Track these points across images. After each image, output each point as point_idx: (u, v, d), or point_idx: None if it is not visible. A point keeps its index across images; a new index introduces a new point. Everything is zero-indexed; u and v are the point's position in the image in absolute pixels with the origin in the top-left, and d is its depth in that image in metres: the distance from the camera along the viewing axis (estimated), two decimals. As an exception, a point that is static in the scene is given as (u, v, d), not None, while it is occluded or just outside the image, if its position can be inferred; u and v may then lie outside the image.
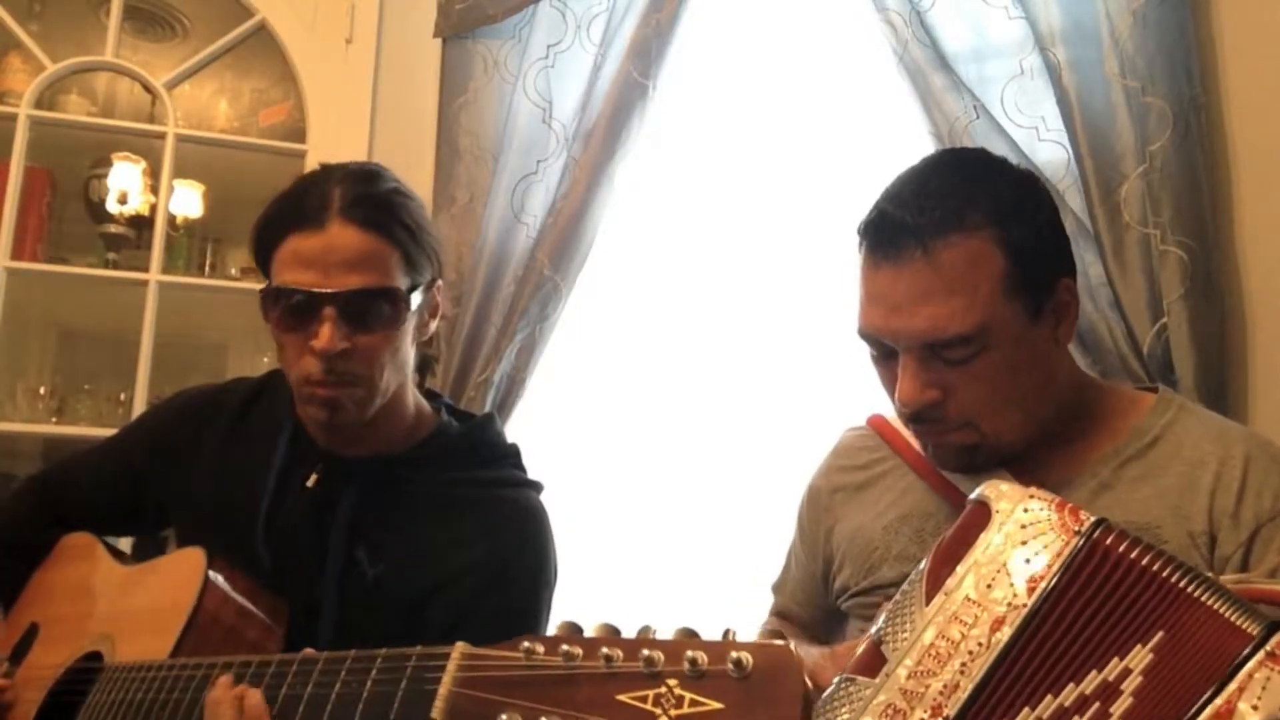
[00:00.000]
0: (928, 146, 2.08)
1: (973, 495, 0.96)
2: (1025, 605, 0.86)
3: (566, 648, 0.76)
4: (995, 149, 1.63)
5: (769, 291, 2.37)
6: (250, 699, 0.96)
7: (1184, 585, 0.83)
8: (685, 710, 0.71)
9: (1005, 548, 0.89)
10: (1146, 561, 0.85)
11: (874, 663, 0.88)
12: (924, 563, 0.93)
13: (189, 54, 2.49)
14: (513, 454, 1.36)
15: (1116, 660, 0.83)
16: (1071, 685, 0.84)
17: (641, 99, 2.23)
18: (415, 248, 1.22)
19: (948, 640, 0.86)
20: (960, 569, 0.89)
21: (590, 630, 0.77)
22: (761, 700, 0.70)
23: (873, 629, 0.92)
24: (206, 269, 2.57)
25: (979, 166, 1.15)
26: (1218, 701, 0.79)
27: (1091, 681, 0.84)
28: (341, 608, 1.20)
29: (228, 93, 2.61)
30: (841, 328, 1.25)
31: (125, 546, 1.51)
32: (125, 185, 2.46)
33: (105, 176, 2.47)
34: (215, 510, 1.28)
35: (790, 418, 2.29)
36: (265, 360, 2.41)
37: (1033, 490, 0.93)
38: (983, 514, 0.93)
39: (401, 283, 1.20)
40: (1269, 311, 2.03)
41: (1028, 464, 1.13)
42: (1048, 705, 0.84)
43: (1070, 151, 2.07)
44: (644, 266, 2.40)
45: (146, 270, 2.34)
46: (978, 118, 2.09)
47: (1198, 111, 2.03)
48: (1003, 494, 0.93)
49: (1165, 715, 0.81)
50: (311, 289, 1.16)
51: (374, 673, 0.89)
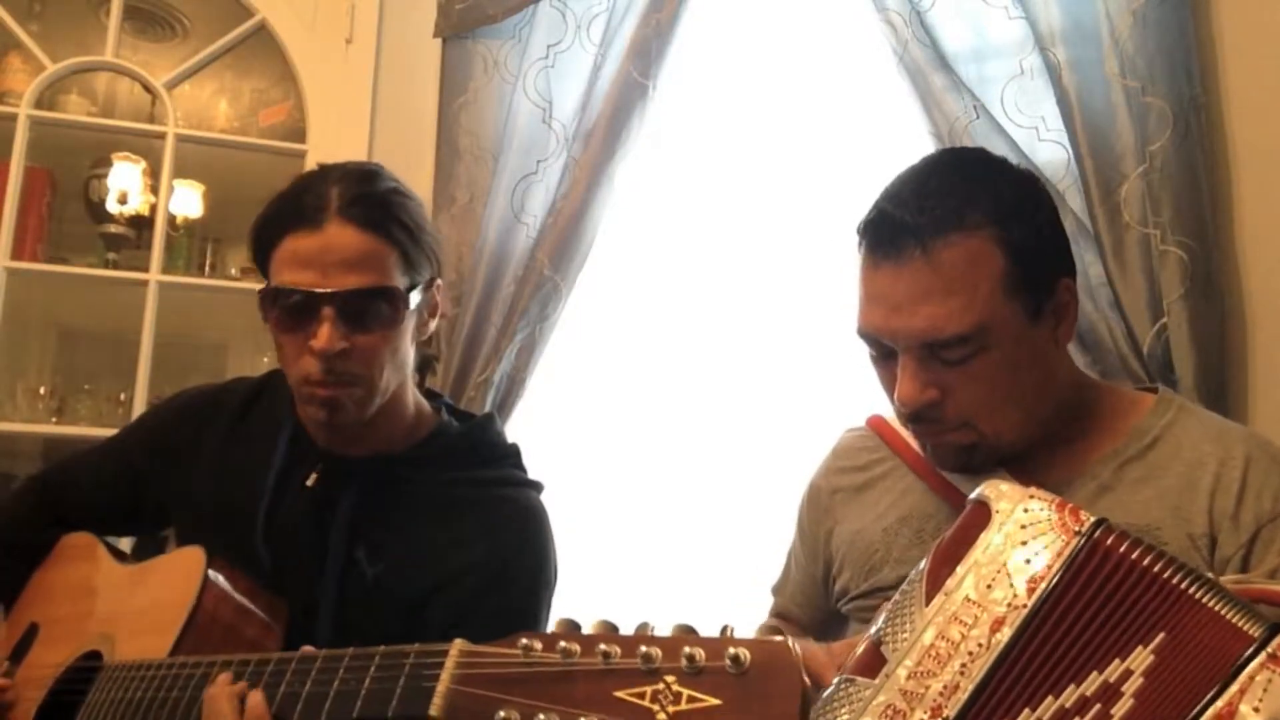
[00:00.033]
0: (928, 146, 2.08)
1: (972, 495, 0.96)
2: (1025, 606, 0.86)
3: (564, 645, 0.76)
4: (995, 149, 1.62)
5: (769, 291, 2.37)
6: (252, 699, 0.96)
7: (1185, 586, 0.83)
8: (683, 706, 0.71)
9: (1005, 548, 0.89)
10: (1148, 562, 0.85)
11: (874, 663, 0.88)
12: (924, 563, 0.93)
13: (189, 54, 2.49)
14: (513, 454, 1.36)
15: (1117, 662, 0.83)
16: (1072, 686, 0.84)
17: (641, 99, 2.22)
18: (414, 247, 1.22)
19: (948, 641, 0.86)
20: (960, 569, 0.89)
21: (588, 627, 0.77)
22: (759, 696, 0.70)
23: (872, 629, 0.91)
24: (206, 269, 2.57)
25: (979, 166, 1.15)
26: (1219, 704, 0.79)
27: (1092, 683, 0.83)
28: (341, 607, 1.20)
29: (228, 93, 2.61)
30: (841, 328, 1.25)
31: (125, 546, 1.51)
32: (125, 185, 2.46)
33: (105, 176, 2.47)
34: (215, 510, 1.28)
35: (790, 418, 2.29)
36: (265, 360, 2.40)
37: (1033, 490, 0.92)
38: (982, 514, 0.92)
39: (400, 282, 1.20)
40: (1269, 311, 2.03)
41: (1027, 465, 1.13)
42: (1048, 707, 0.84)
43: (1070, 151, 2.07)
44: (644, 266, 2.39)
45: (146, 270, 2.34)
46: (978, 118, 2.09)
47: (1198, 111, 2.03)
48: (1003, 494, 0.92)
49: (1166, 717, 0.81)
50: (310, 289, 1.16)
51: (372, 670, 0.89)
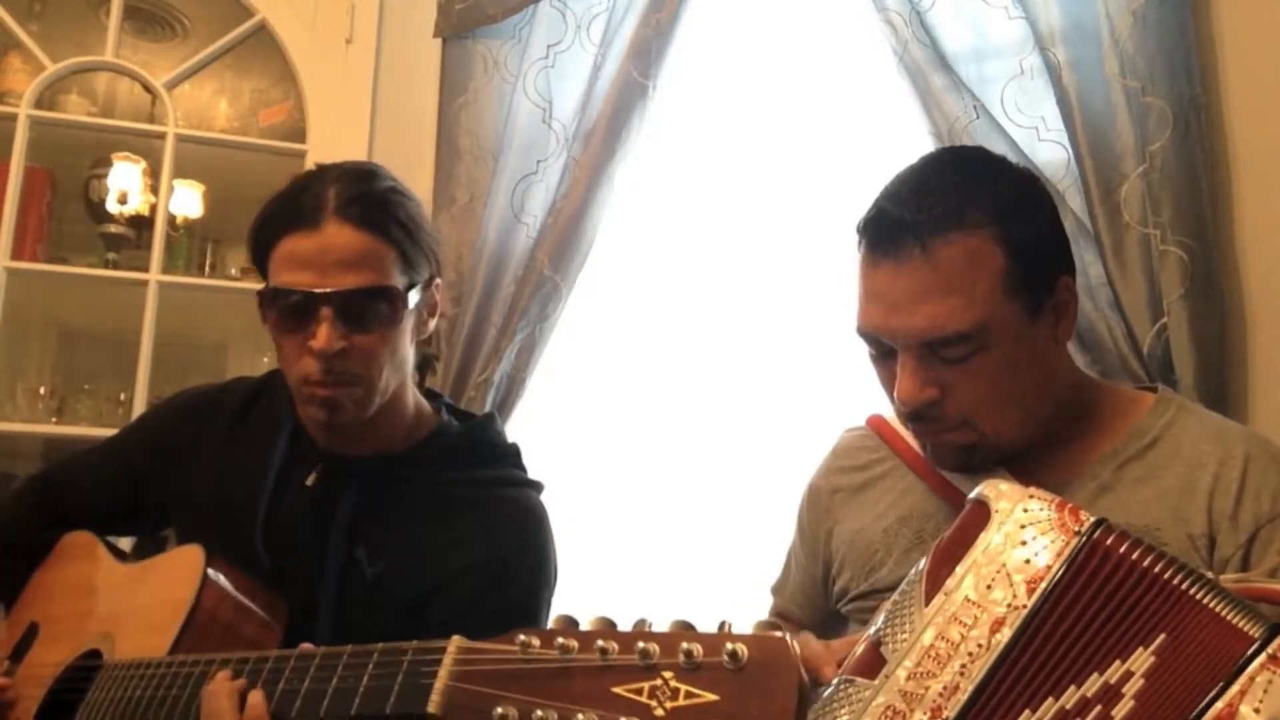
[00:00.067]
0: (928, 146, 2.06)
1: (971, 495, 0.95)
2: (1025, 606, 0.86)
3: (562, 641, 0.76)
4: (995, 149, 1.62)
5: (769, 291, 2.37)
6: (253, 697, 0.96)
7: (1185, 587, 0.83)
8: (680, 702, 0.71)
9: (1005, 548, 0.88)
10: (1148, 563, 0.84)
11: (873, 663, 0.88)
12: (923, 562, 0.93)
13: (189, 54, 2.49)
14: (513, 454, 1.36)
15: (1118, 663, 0.83)
16: (1072, 688, 0.83)
17: (641, 99, 2.22)
18: (412, 246, 1.21)
19: (947, 641, 0.86)
20: (960, 569, 0.89)
21: (586, 624, 0.77)
22: (757, 691, 0.70)
23: (871, 629, 0.91)
24: (206, 269, 2.57)
25: (979, 165, 1.15)
26: (1219, 705, 0.78)
27: (1093, 684, 0.83)
28: (341, 607, 1.20)
29: (228, 93, 2.60)
30: (841, 328, 1.25)
31: (126, 546, 1.51)
32: (125, 185, 2.45)
33: (105, 176, 2.47)
34: (215, 510, 1.28)
35: (790, 418, 2.29)
36: (265, 360, 2.41)
37: (1032, 490, 0.92)
38: (982, 513, 0.92)
39: (399, 281, 1.20)
40: (1269, 311, 2.03)
41: (1027, 464, 1.12)
42: (1048, 708, 0.83)
43: (1070, 151, 2.07)
44: (644, 266, 2.40)
45: (146, 270, 2.34)
46: (978, 118, 2.09)
47: (1198, 111, 2.03)
48: (1002, 493, 0.92)
49: (1167, 718, 0.81)
50: (308, 289, 1.15)
51: (370, 667, 0.89)
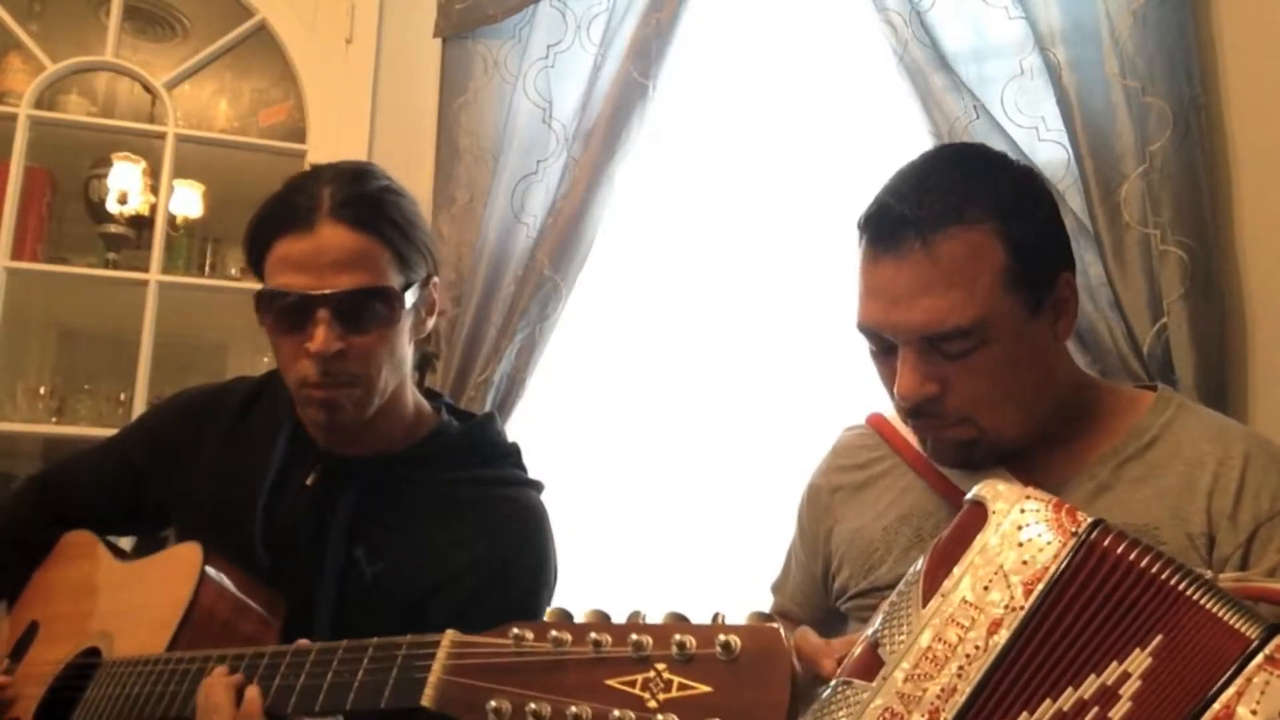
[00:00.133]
0: (927, 146, 2.05)
1: (969, 495, 0.95)
2: (1022, 607, 0.85)
3: (555, 634, 0.76)
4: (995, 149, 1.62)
5: (769, 291, 2.37)
6: (250, 692, 0.96)
7: (1182, 588, 0.83)
8: (673, 694, 0.71)
9: (1002, 549, 0.88)
10: (1145, 564, 0.84)
11: (871, 665, 0.87)
12: (920, 563, 0.92)
13: (189, 54, 2.49)
14: (513, 453, 1.36)
15: (1115, 664, 0.83)
16: (1070, 689, 0.83)
17: (641, 99, 2.23)
18: (407, 245, 1.21)
19: (945, 643, 0.86)
20: (957, 570, 0.89)
21: (580, 617, 0.78)
22: (750, 682, 0.70)
23: (869, 630, 0.91)
24: (206, 269, 2.57)
25: (979, 162, 1.15)
26: (1216, 706, 0.78)
27: (1090, 686, 0.83)
28: (340, 607, 1.20)
29: (228, 93, 2.61)
30: (841, 327, 1.25)
31: (126, 545, 1.51)
32: (125, 185, 2.46)
33: (105, 176, 2.47)
34: (215, 510, 1.28)
35: (790, 417, 2.29)
36: (265, 360, 2.40)
37: (1030, 490, 0.92)
38: (979, 514, 0.92)
39: (395, 281, 1.19)
40: (1269, 311, 2.03)
41: (1026, 463, 1.13)
42: (1046, 710, 0.83)
43: (1070, 151, 2.07)
44: (644, 266, 2.40)
45: (146, 270, 2.34)
46: (978, 118, 2.09)
47: (1198, 111, 2.03)
48: (999, 494, 0.92)
49: (1163, 720, 0.81)
50: (304, 291, 1.15)
51: (365, 662, 0.90)
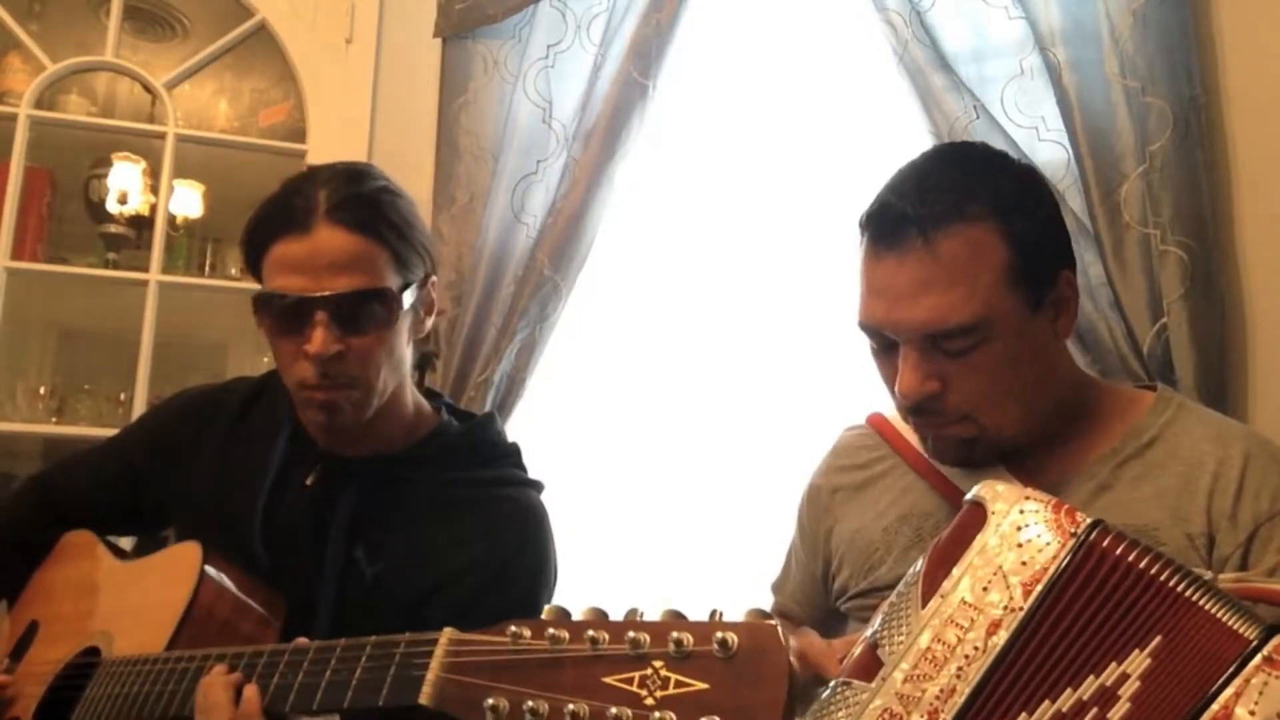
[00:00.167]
0: (927, 146, 2.07)
1: (968, 496, 0.95)
2: (1021, 608, 0.85)
3: (553, 631, 0.76)
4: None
5: (769, 291, 2.37)
6: (248, 691, 0.97)
7: (1181, 589, 0.83)
8: (670, 691, 0.71)
9: (1001, 550, 0.88)
10: (1144, 565, 0.84)
11: (870, 666, 0.88)
12: (920, 563, 0.92)
13: (189, 54, 2.49)
14: (513, 453, 1.36)
15: (1114, 665, 0.83)
16: (1069, 690, 0.83)
17: (641, 99, 2.22)
18: (404, 245, 1.21)
19: (944, 644, 0.86)
20: (956, 571, 0.89)
21: (578, 614, 0.78)
22: (747, 679, 0.70)
23: (868, 631, 0.91)
24: (206, 269, 2.57)
25: (980, 160, 1.16)
26: (1215, 707, 0.78)
27: (1089, 687, 0.83)
28: (340, 607, 1.20)
29: (228, 93, 2.60)
30: (841, 327, 1.25)
31: (127, 545, 1.51)
32: (125, 185, 2.46)
33: (105, 176, 2.47)
34: (215, 510, 1.28)
35: (790, 417, 2.29)
36: (265, 360, 2.40)
37: (1029, 491, 0.92)
38: (978, 515, 0.92)
39: (392, 282, 1.19)
40: (1269, 311, 2.03)
41: (1026, 463, 1.13)
42: (1045, 710, 0.83)
43: (1070, 151, 2.07)
44: (643, 266, 2.39)
45: (146, 270, 2.34)
46: (978, 118, 2.09)
47: (1198, 111, 2.02)
48: (999, 495, 0.92)
49: (1162, 721, 0.81)
50: (301, 294, 1.15)
51: (363, 660, 0.90)
